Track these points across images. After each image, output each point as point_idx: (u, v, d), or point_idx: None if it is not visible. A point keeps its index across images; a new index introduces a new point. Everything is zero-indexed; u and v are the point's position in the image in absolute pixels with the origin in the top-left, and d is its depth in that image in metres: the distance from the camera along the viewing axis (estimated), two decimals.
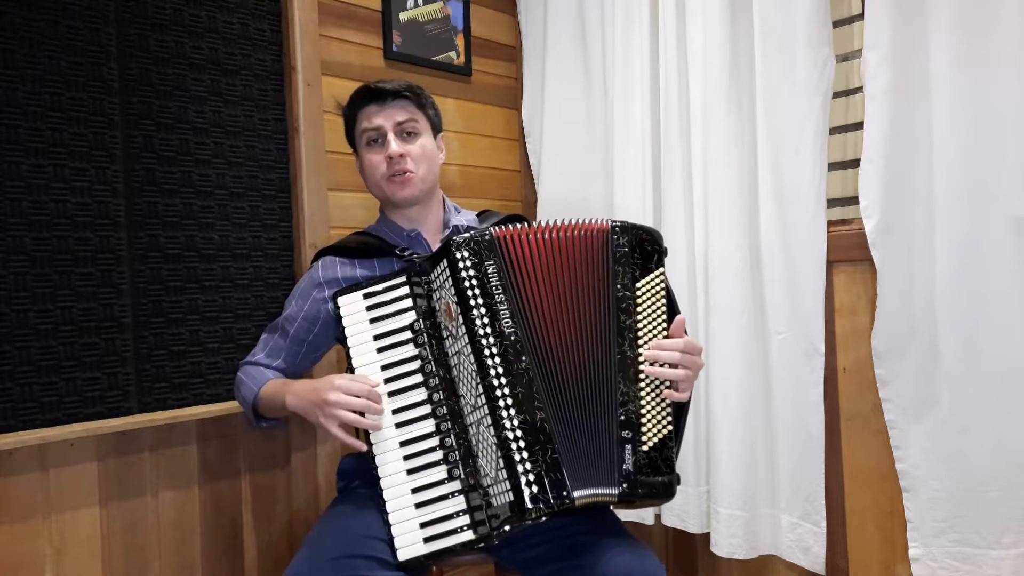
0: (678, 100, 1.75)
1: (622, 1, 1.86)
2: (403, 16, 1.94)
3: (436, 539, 1.11)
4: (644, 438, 1.11)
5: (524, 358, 1.11)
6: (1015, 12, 1.26)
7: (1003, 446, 1.31)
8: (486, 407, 1.09)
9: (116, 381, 1.43)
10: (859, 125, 1.50)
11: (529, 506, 1.03)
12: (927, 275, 1.38)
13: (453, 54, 2.06)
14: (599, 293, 1.17)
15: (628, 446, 1.10)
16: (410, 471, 1.14)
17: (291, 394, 1.24)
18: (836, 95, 1.58)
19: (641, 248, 1.20)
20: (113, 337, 1.43)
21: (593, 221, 1.21)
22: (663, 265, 1.21)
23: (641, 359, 1.15)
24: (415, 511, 1.13)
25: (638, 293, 1.17)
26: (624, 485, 1.08)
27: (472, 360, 1.11)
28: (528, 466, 1.05)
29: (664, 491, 1.11)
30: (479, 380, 1.10)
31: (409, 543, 1.11)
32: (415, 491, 1.13)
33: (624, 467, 1.09)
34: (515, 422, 1.07)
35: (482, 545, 1.10)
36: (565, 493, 1.05)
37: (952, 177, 1.34)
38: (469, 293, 1.13)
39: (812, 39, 1.51)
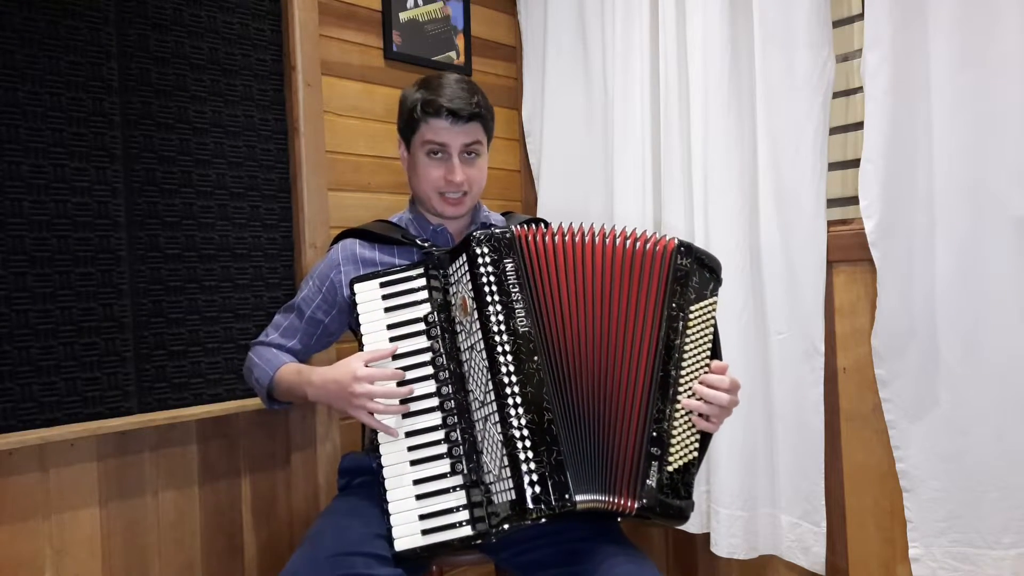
0: (678, 100, 1.75)
1: (622, 1, 1.86)
2: (403, 16, 1.94)
3: (434, 532, 1.10)
4: (671, 458, 1.10)
5: (536, 358, 1.10)
6: (1015, 12, 1.26)
7: (1003, 446, 1.31)
8: (495, 403, 1.09)
9: (116, 381, 1.43)
10: (859, 125, 1.50)
11: (530, 506, 1.03)
12: (927, 275, 1.38)
13: (453, 54, 2.06)
14: (649, 308, 1.16)
15: (655, 463, 1.09)
16: (413, 462, 1.14)
17: (311, 386, 1.24)
18: (836, 95, 1.58)
19: (700, 273, 1.19)
20: (113, 337, 1.43)
21: (656, 234, 1.20)
22: (717, 294, 1.20)
23: (683, 381, 1.13)
24: (415, 503, 1.12)
25: (690, 317, 1.16)
26: (644, 500, 1.07)
27: (484, 356, 1.11)
28: (532, 466, 1.05)
29: (678, 515, 1.10)
30: (489, 376, 1.10)
31: (407, 534, 1.11)
32: (417, 483, 1.13)
33: (648, 483, 1.08)
34: (523, 421, 1.07)
35: (480, 542, 1.10)
36: (567, 496, 1.04)
37: (952, 177, 1.34)
38: (486, 289, 1.13)
39: (812, 39, 1.51)
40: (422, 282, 1.20)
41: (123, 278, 1.45)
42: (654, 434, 1.10)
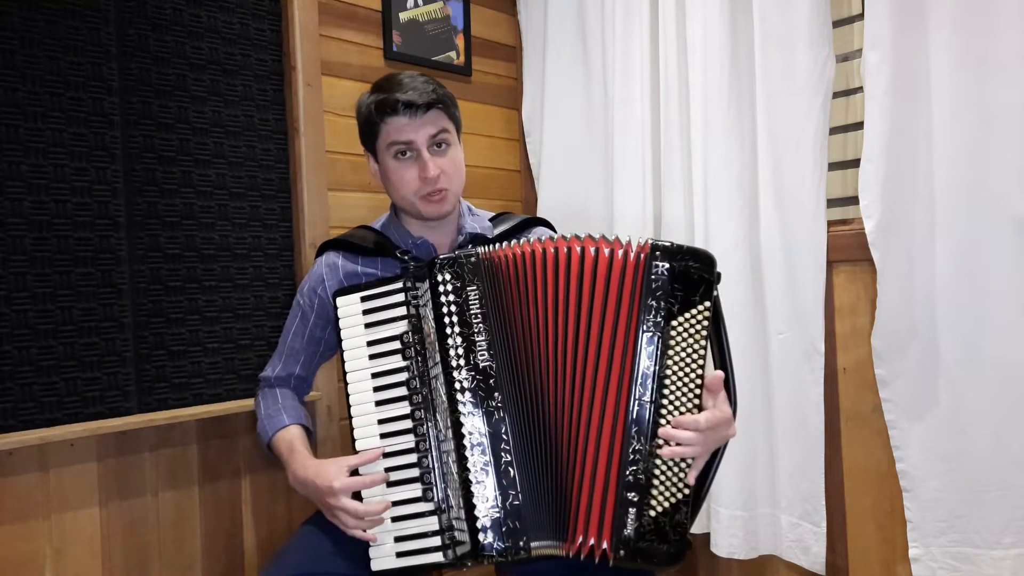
0: (678, 100, 1.75)
1: (622, 1, 1.86)
2: (403, 16, 1.94)
3: (408, 555, 1.10)
4: (654, 502, 1.02)
5: (497, 395, 1.06)
6: (1015, 13, 1.26)
7: (1003, 446, 1.31)
8: (453, 442, 1.07)
9: (116, 381, 1.43)
10: (859, 125, 1.50)
11: (484, 552, 1.02)
12: (927, 275, 1.38)
13: (453, 54, 2.06)
14: (620, 330, 1.05)
15: (632, 509, 1.01)
16: (389, 484, 1.13)
17: (293, 476, 1.21)
18: (836, 95, 1.58)
19: (685, 277, 1.03)
20: (113, 337, 1.43)
21: (629, 240, 1.08)
22: (711, 297, 1.04)
23: (666, 412, 1.03)
24: (391, 524, 1.11)
25: (672, 333, 1.03)
26: (621, 552, 1.01)
27: (444, 391, 1.08)
28: (485, 511, 1.03)
29: (667, 561, 1.01)
30: (448, 413, 1.08)
31: (382, 555, 1.11)
32: (392, 504, 1.12)
33: (624, 532, 1.01)
34: (479, 463, 1.04)
35: (454, 567, 1.09)
36: (521, 543, 1.02)
37: (952, 177, 1.34)
38: (446, 320, 1.09)
39: (812, 39, 1.51)
40: (400, 297, 1.17)
41: (123, 278, 1.45)
42: (629, 479, 1.01)
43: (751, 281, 1.64)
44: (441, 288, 1.10)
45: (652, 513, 1.02)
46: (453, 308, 1.09)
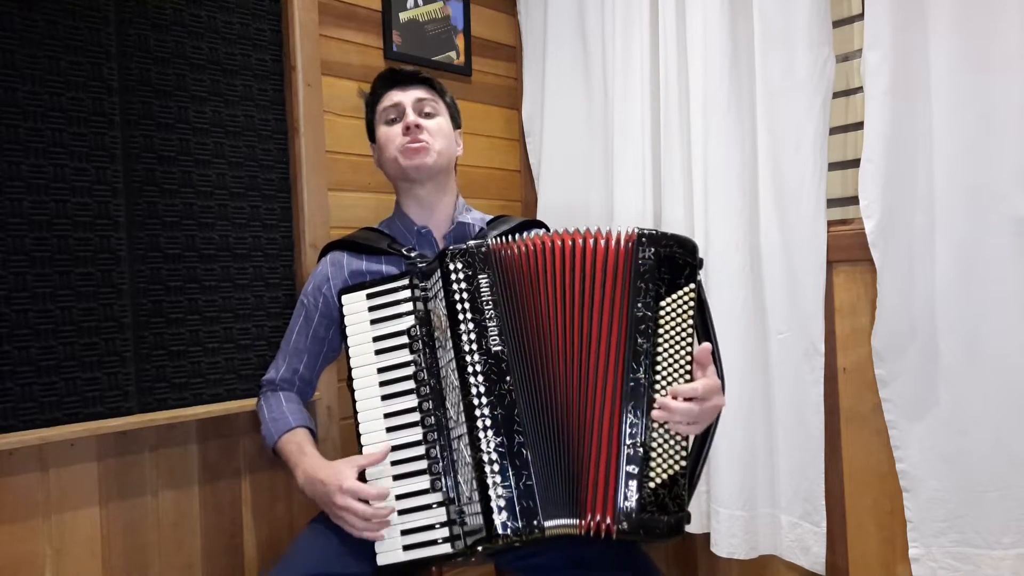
0: (678, 100, 1.75)
1: (622, 1, 1.86)
2: (403, 16, 1.94)
3: (415, 548, 1.11)
4: (652, 474, 1.05)
5: (508, 378, 1.08)
6: (1015, 12, 1.26)
7: (1003, 446, 1.31)
8: (465, 425, 1.08)
9: (116, 381, 1.43)
10: (859, 125, 1.50)
11: (498, 532, 1.02)
12: (927, 275, 1.38)
13: (453, 54, 2.06)
14: (615, 312, 1.11)
15: (633, 482, 1.04)
16: (396, 477, 1.14)
17: (301, 476, 1.23)
18: (836, 95, 1.58)
19: (670, 261, 1.11)
20: (113, 337, 1.43)
21: (619, 230, 1.14)
22: (695, 280, 1.12)
23: (659, 387, 1.08)
24: (397, 518, 1.13)
25: (661, 313, 1.09)
26: (624, 524, 1.03)
27: (456, 376, 1.10)
28: (500, 491, 1.04)
29: (668, 532, 1.04)
30: (461, 397, 1.09)
31: (389, 549, 1.12)
32: (399, 498, 1.13)
33: (626, 504, 1.04)
34: (492, 444, 1.05)
35: (461, 559, 1.10)
36: (535, 522, 1.03)
37: (952, 177, 1.34)
38: (458, 307, 1.11)
39: (812, 39, 1.51)
40: (406, 294, 1.20)
41: (123, 278, 1.45)
42: (629, 451, 1.06)
43: (751, 281, 1.64)
44: (453, 276, 1.13)
45: (651, 485, 1.05)
46: (465, 295, 1.12)
